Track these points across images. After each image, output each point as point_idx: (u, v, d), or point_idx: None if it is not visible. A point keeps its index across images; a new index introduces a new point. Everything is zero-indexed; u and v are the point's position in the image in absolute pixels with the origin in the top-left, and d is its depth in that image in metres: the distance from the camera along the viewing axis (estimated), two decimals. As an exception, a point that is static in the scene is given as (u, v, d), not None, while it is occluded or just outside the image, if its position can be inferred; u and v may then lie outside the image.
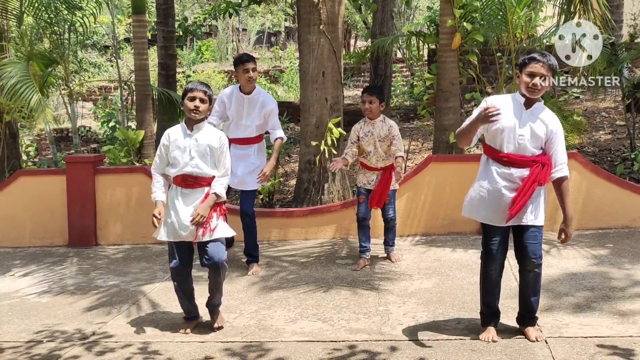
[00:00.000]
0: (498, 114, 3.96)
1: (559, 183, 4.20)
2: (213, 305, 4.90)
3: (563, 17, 7.79)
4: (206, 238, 4.66)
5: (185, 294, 4.88)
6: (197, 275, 5.20)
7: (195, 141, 4.67)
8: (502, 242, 4.31)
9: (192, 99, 4.65)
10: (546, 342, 4.26)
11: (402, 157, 6.21)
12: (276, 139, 6.39)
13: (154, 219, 4.62)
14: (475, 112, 4.19)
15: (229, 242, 6.57)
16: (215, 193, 4.67)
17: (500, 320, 4.52)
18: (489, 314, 4.46)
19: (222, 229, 4.74)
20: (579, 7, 7.53)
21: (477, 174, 4.38)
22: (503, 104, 4.18)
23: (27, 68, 8.70)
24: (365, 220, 6.32)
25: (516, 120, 4.16)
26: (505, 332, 4.45)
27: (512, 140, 4.16)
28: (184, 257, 4.77)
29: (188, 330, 4.85)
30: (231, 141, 6.30)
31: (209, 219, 4.66)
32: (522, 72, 4.14)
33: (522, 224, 4.21)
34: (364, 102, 6.19)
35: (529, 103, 4.19)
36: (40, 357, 4.50)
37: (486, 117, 3.97)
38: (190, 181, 4.67)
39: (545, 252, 6.47)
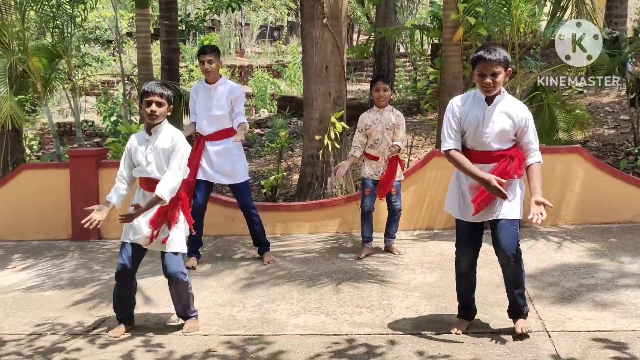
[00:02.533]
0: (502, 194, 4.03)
1: (532, 167, 4.16)
2: (179, 316, 4.80)
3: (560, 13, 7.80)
4: (155, 247, 4.59)
5: (120, 296, 4.75)
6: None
7: (152, 145, 4.58)
8: (471, 236, 4.32)
9: (149, 103, 4.51)
10: (549, 336, 4.26)
11: (399, 147, 6.24)
12: (240, 123, 6.22)
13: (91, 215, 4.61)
14: (447, 123, 4.21)
15: (198, 242, 6.46)
16: (156, 195, 4.43)
17: (502, 314, 4.51)
18: (462, 306, 4.49)
19: (176, 242, 4.57)
20: (572, 0, 7.54)
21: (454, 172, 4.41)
22: (466, 103, 4.22)
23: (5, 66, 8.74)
24: (370, 213, 6.40)
25: (480, 118, 4.15)
26: (509, 325, 4.45)
27: (477, 138, 4.16)
28: (131, 258, 4.63)
29: (111, 333, 4.71)
30: (206, 139, 6.31)
31: (159, 227, 4.54)
32: (474, 72, 4.13)
33: (494, 218, 4.17)
34: (377, 90, 6.22)
35: (489, 99, 4.17)
36: (43, 350, 4.51)
37: (496, 191, 4.02)
38: (151, 184, 4.58)
39: (549, 247, 6.48)
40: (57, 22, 10.12)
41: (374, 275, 5.85)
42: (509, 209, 4.16)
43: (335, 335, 4.51)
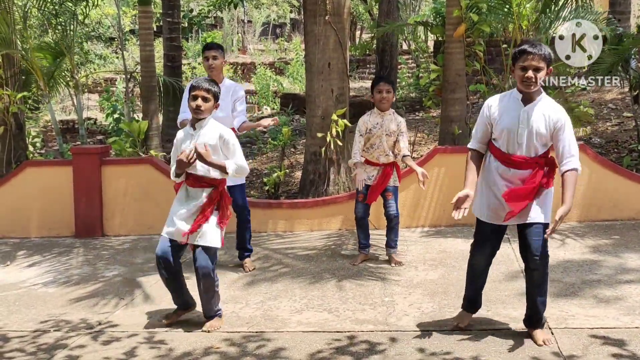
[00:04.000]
0: (465, 208, 4.04)
1: (567, 174, 3.96)
2: (204, 312, 4.78)
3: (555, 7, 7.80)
4: (193, 241, 4.56)
5: (169, 286, 4.76)
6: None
7: (197, 140, 4.57)
8: (494, 238, 4.22)
9: (195, 97, 4.53)
10: (552, 333, 4.26)
11: (409, 156, 6.02)
12: (242, 123, 6.17)
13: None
14: (476, 124, 4.25)
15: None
16: (224, 165, 4.53)
17: (504, 311, 4.51)
18: (468, 299, 4.45)
19: (208, 236, 4.58)
20: None
21: (480, 172, 4.26)
22: (501, 103, 4.12)
23: None
24: (363, 220, 6.17)
25: (515, 120, 4.01)
26: (511, 323, 4.45)
27: (512, 141, 4.03)
28: (171, 250, 4.61)
29: (164, 322, 4.80)
30: None
31: (204, 222, 4.54)
32: (515, 66, 3.99)
33: (524, 222, 4.09)
34: (380, 92, 5.87)
35: (526, 98, 4.02)
36: (46, 347, 4.52)
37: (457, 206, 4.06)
38: (193, 181, 4.61)
39: (553, 244, 6.46)
40: (60, 19, 10.13)
41: (377, 273, 5.85)
42: (538, 213, 4.07)
43: (337, 332, 4.51)
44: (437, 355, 4.03)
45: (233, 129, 6.22)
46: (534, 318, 4.22)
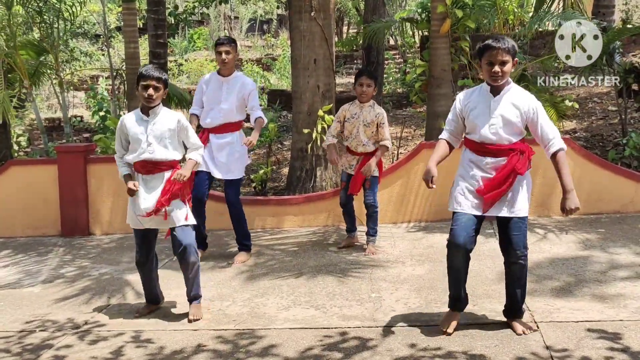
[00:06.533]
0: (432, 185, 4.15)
1: (554, 157, 4.05)
2: (189, 297, 4.89)
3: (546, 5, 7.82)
4: (163, 226, 4.72)
5: (145, 282, 5.00)
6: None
7: (152, 126, 4.65)
8: (468, 231, 4.14)
9: (146, 87, 4.60)
10: (538, 327, 4.28)
11: (388, 147, 6.20)
12: (257, 118, 6.22)
13: (131, 189, 4.65)
14: (449, 116, 4.34)
15: (202, 243, 6.48)
16: (191, 159, 4.80)
17: (491, 306, 4.52)
18: (454, 298, 4.41)
19: (182, 215, 4.72)
20: None
21: (458, 169, 4.32)
22: (472, 97, 4.20)
23: None
24: (347, 206, 6.46)
25: (486, 110, 4.11)
26: (497, 317, 4.46)
27: (485, 130, 4.10)
28: (146, 247, 4.83)
29: (136, 315, 4.97)
30: (210, 131, 6.23)
31: (167, 202, 4.63)
32: (482, 61, 4.07)
33: (506, 216, 4.12)
34: (361, 85, 6.11)
35: (495, 90, 4.12)
36: (32, 347, 4.49)
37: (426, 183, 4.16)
38: (149, 167, 4.67)
39: (539, 238, 6.50)
40: (45, 16, 10.05)
41: (364, 268, 5.86)
42: (519, 207, 4.12)
43: (324, 328, 4.51)
44: (428, 350, 4.04)
45: (236, 125, 6.25)
46: (514, 308, 4.30)
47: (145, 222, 4.71)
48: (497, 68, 4.00)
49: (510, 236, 4.13)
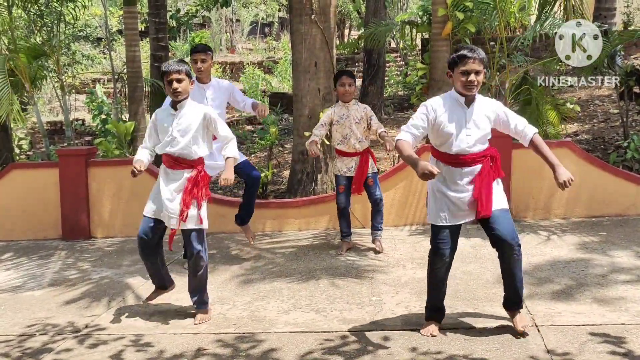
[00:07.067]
0: (433, 176, 3.87)
1: (532, 142, 4.12)
2: (194, 302, 4.91)
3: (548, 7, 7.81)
4: (180, 226, 4.69)
5: (151, 266, 4.97)
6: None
7: (178, 120, 4.70)
8: (452, 240, 4.24)
9: (170, 82, 4.64)
10: (538, 331, 4.27)
11: (386, 131, 6.25)
12: (252, 102, 6.37)
13: (133, 170, 4.66)
14: (415, 120, 4.15)
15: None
16: (229, 158, 4.78)
17: (491, 309, 4.51)
18: (434, 309, 4.42)
19: (197, 218, 4.70)
20: None
21: (428, 183, 4.30)
22: (444, 107, 4.15)
23: (4, 62, 8.66)
24: (345, 210, 6.48)
25: (462, 121, 4.11)
26: (497, 321, 4.45)
27: (461, 142, 4.11)
28: (153, 232, 4.77)
29: (147, 301, 5.15)
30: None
31: (189, 205, 4.64)
32: (455, 71, 4.07)
33: (490, 212, 4.13)
34: (343, 85, 6.20)
35: (468, 100, 4.14)
36: (32, 351, 4.49)
37: (423, 177, 3.87)
38: (171, 161, 4.71)
39: (540, 241, 6.49)
40: (46, 20, 10.07)
41: (364, 272, 5.85)
42: (498, 200, 4.16)
43: (325, 332, 4.50)
44: (428, 354, 4.03)
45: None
46: (514, 299, 4.31)
47: (163, 216, 4.72)
48: (472, 77, 4.03)
49: (500, 229, 4.11)
